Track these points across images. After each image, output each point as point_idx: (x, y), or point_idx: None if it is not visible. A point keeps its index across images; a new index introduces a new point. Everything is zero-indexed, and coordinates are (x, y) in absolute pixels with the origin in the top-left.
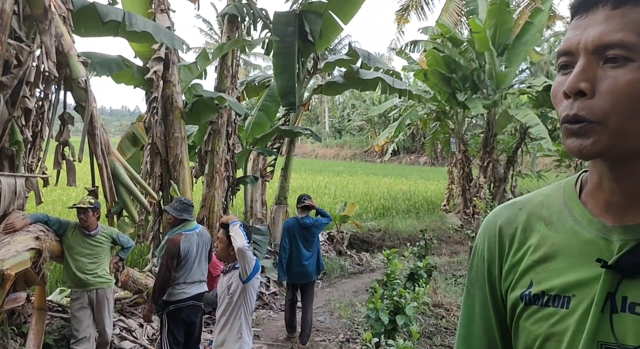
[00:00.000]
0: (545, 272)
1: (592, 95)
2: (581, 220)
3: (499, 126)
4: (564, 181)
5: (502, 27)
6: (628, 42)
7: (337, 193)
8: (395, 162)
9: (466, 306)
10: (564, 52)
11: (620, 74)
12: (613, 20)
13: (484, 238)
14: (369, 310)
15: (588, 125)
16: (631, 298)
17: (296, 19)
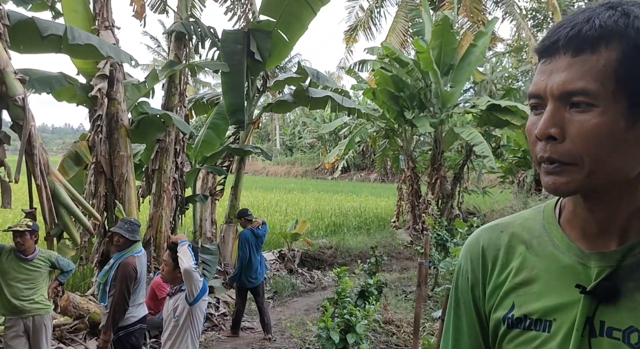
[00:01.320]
0: (526, 295)
1: (563, 139)
2: (560, 245)
3: (446, 144)
4: (543, 204)
5: (446, 47)
6: (589, 90)
7: (289, 211)
8: (346, 179)
9: (453, 326)
10: (533, 95)
11: (587, 119)
12: (575, 68)
13: (467, 259)
14: (320, 329)
15: (562, 166)
16: (608, 322)
17: (245, 38)
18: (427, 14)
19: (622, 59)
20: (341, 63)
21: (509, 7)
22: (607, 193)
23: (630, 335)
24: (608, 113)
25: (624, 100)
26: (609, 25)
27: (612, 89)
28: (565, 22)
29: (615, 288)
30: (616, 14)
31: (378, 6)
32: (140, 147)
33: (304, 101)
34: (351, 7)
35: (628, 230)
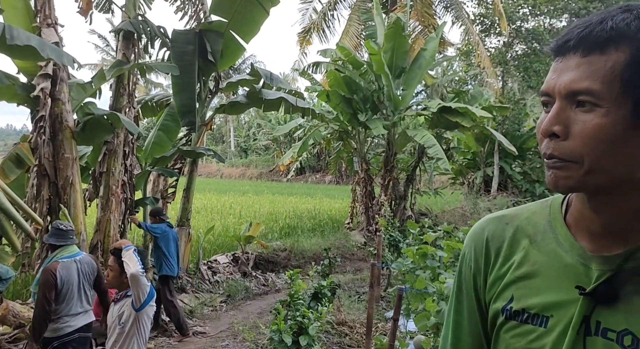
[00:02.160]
0: (526, 289)
1: (566, 137)
2: (564, 243)
3: (399, 146)
4: (550, 199)
5: (398, 51)
6: (594, 90)
7: (243, 213)
8: (302, 181)
9: (455, 311)
10: (544, 93)
11: (589, 119)
12: (582, 68)
13: (472, 248)
14: (272, 332)
15: (562, 162)
16: (604, 323)
17: (196, 38)
18: (379, 17)
19: (629, 61)
20: (295, 65)
21: (458, 12)
22: (610, 194)
23: (624, 337)
24: (611, 114)
25: (629, 102)
26: (621, 27)
27: (618, 90)
28: (580, 23)
29: (614, 290)
30: (630, 16)
31: (331, 9)
32: (87, 149)
33: (257, 102)
34: (304, 10)
35: (630, 233)
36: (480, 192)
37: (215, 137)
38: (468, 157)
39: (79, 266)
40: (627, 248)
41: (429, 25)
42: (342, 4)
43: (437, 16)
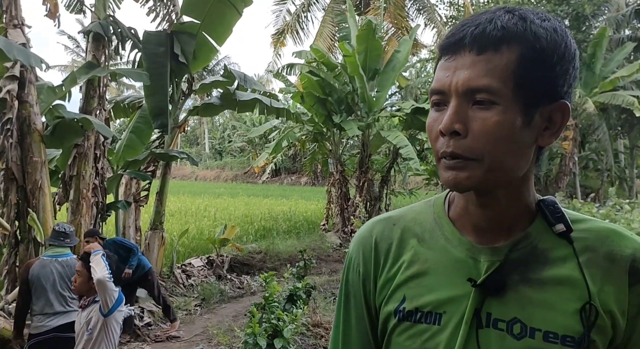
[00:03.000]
0: (418, 288)
1: (466, 135)
2: (452, 239)
3: (373, 147)
4: (432, 198)
5: (371, 53)
6: (492, 88)
7: (217, 216)
8: (277, 182)
9: (343, 320)
10: (437, 91)
11: (488, 116)
12: (479, 66)
13: (359, 252)
14: (247, 335)
15: (464, 161)
16: (495, 314)
17: (167, 39)
18: (352, 19)
19: (520, 60)
20: (269, 67)
21: (430, 15)
22: (499, 191)
23: (513, 326)
24: (508, 111)
25: (522, 99)
26: (510, 27)
27: (512, 88)
28: (468, 22)
29: (502, 281)
30: (515, 17)
31: (305, 11)
32: (57, 152)
33: (231, 104)
34: (278, 11)
35: (514, 226)
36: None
37: (190, 139)
38: None
39: (58, 266)
40: (511, 239)
41: (402, 28)
42: (316, 5)
43: (409, 18)
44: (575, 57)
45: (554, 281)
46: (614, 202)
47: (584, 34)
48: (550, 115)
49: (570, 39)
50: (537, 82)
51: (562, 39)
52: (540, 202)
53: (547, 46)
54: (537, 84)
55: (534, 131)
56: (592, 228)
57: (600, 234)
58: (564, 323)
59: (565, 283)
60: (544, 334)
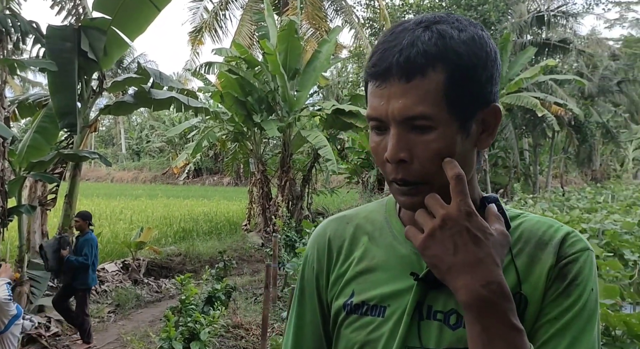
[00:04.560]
0: (365, 283)
1: (412, 161)
2: (399, 236)
3: (295, 146)
4: (386, 198)
5: (292, 52)
6: (428, 114)
7: (134, 218)
8: (199, 183)
9: (296, 314)
10: (374, 118)
11: (430, 140)
12: (410, 94)
13: (315, 249)
14: (162, 340)
15: (415, 187)
16: (435, 306)
17: (75, 35)
18: (271, 18)
19: (448, 80)
20: (187, 65)
21: (347, 16)
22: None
23: (450, 317)
24: (447, 131)
25: (457, 116)
26: (432, 48)
27: (446, 109)
28: (389, 45)
29: None
30: (434, 36)
31: (223, 9)
32: None
33: (146, 102)
34: (195, 9)
35: None
36: (374, 191)
37: (105, 139)
38: (362, 156)
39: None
40: None
41: (320, 28)
42: (234, 4)
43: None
44: (497, 59)
45: None
46: (519, 197)
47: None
48: (485, 119)
49: (490, 42)
50: (468, 96)
51: (482, 47)
52: (484, 199)
53: (470, 60)
54: (468, 98)
55: (472, 139)
56: (527, 222)
57: (534, 227)
58: None
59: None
60: None
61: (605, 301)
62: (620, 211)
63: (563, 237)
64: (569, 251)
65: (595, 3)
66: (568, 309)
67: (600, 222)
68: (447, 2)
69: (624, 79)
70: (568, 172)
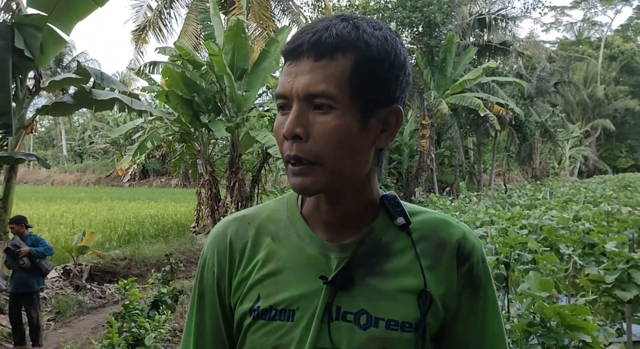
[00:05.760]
0: (272, 286)
1: (307, 138)
2: (304, 237)
3: (244, 147)
4: (286, 196)
5: (239, 52)
6: (329, 93)
7: (76, 222)
8: (145, 185)
9: (196, 320)
10: (280, 95)
11: (327, 120)
12: (317, 72)
13: (214, 252)
14: (104, 347)
15: (308, 167)
16: (344, 307)
17: (9, 32)
18: (217, 17)
19: (355, 67)
20: (131, 64)
21: (295, 16)
22: (345, 191)
23: (360, 317)
24: (346, 116)
25: (358, 104)
26: (344, 35)
27: (349, 93)
28: (307, 29)
29: (350, 275)
30: (349, 26)
31: (167, 7)
32: None
33: (86, 102)
34: (138, 7)
35: (361, 222)
36: None
37: (45, 141)
38: None
39: None
40: (359, 235)
41: (268, 28)
42: (179, 2)
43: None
44: (406, 64)
45: (396, 272)
46: (464, 195)
47: (436, 39)
48: (386, 118)
49: (401, 47)
50: (371, 88)
51: (393, 47)
52: (383, 198)
53: (379, 54)
54: (372, 90)
55: (371, 134)
56: (426, 219)
57: (432, 224)
58: (403, 311)
59: (405, 273)
60: (386, 322)
61: (542, 294)
62: (558, 207)
63: (460, 237)
64: (467, 251)
65: (532, 7)
66: (484, 311)
67: (539, 218)
68: (393, 4)
69: (560, 81)
70: (510, 170)
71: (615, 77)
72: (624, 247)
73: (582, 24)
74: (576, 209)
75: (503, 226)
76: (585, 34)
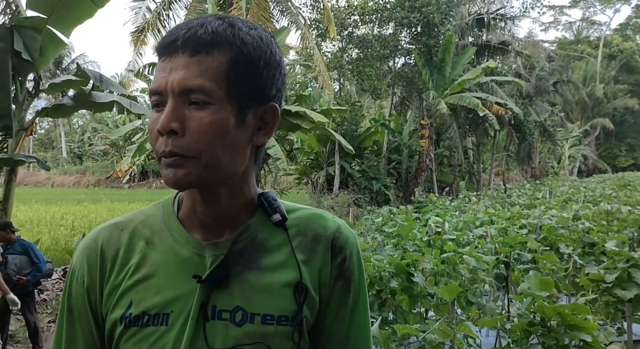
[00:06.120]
0: (145, 291)
1: (183, 133)
2: (179, 238)
3: None
4: (162, 200)
5: None
6: (206, 88)
7: (76, 224)
8: (145, 186)
9: (66, 337)
10: (155, 92)
11: (203, 116)
12: (192, 67)
13: (83, 262)
14: None
15: (182, 159)
16: (220, 306)
17: (8, 34)
18: None
19: (231, 63)
20: (130, 66)
21: (293, 17)
22: (220, 188)
23: (235, 314)
24: (222, 111)
25: (234, 101)
26: (220, 32)
27: (225, 89)
28: (181, 25)
29: (225, 273)
30: (224, 24)
31: (166, 9)
32: None
33: (86, 104)
34: (137, 8)
35: (238, 220)
36: (323, 191)
37: (44, 143)
38: (311, 157)
39: None
40: (234, 233)
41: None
42: (178, 4)
43: (274, 20)
44: (281, 64)
45: (272, 267)
46: (464, 195)
47: (435, 39)
48: (263, 116)
49: (276, 47)
50: (247, 85)
51: (268, 46)
52: (261, 195)
53: (254, 52)
54: (247, 87)
55: (248, 131)
56: (302, 215)
57: (309, 219)
58: (280, 305)
59: (282, 267)
60: (262, 317)
61: (542, 293)
62: (557, 207)
63: (334, 231)
64: (340, 244)
65: (531, 6)
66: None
67: (538, 218)
68: (391, 4)
69: (559, 80)
70: (509, 170)
71: (614, 76)
72: (624, 246)
73: (581, 23)
74: (576, 209)
75: (503, 226)
76: (584, 33)
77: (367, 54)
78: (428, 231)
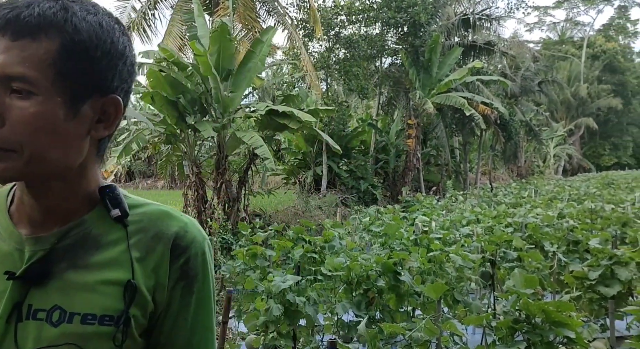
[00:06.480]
0: None
1: (3, 124)
2: (3, 233)
3: (230, 148)
4: None
5: (224, 53)
6: (29, 77)
7: None
8: (131, 187)
9: None
10: None
11: (26, 106)
12: (13, 52)
13: None
14: None
15: (2, 153)
16: (36, 305)
17: None
18: (201, 18)
19: (61, 51)
20: None
21: (280, 17)
22: (51, 182)
23: (52, 314)
24: (48, 103)
25: (64, 91)
26: (49, 16)
27: (52, 79)
28: (5, 4)
29: (45, 270)
30: (56, 6)
31: (152, 8)
32: None
33: None
34: (122, 8)
35: (72, 215)
36: (311, 191)
37: None
38: (299, 157)
39: None
40: (63, 228)
41: (253, 29)
42: (163, 3)
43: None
44: (125, 53)
45: (101, 264)
46: (451, 194)
47: (421, 39)
48: (103, 108)
49: (119, 35)
50: (81, 75)
51: (108, 34)
52: (102, 189)
53: (90, 40)
54: (81, 77)
55: (83, 124)
56: (147, 212)
57: (153, 216)
58: (104, 304)
59: (112, 265)
60: (82, 317)
61: (527, 291)
62: (542, 205)
63: (178, 230)
64: (184, 244)
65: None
66: (197, 305)
67: (524, 216)
68: (378, 4)
69: (544, 80)
70: (496, 169)
71: (598, 76)
72: (607, 244)
73: (565, 23)
74: (560, 207)
75: (489, 225)
76: (568, 34)
77: (354, 54)
78: (415, 230)
